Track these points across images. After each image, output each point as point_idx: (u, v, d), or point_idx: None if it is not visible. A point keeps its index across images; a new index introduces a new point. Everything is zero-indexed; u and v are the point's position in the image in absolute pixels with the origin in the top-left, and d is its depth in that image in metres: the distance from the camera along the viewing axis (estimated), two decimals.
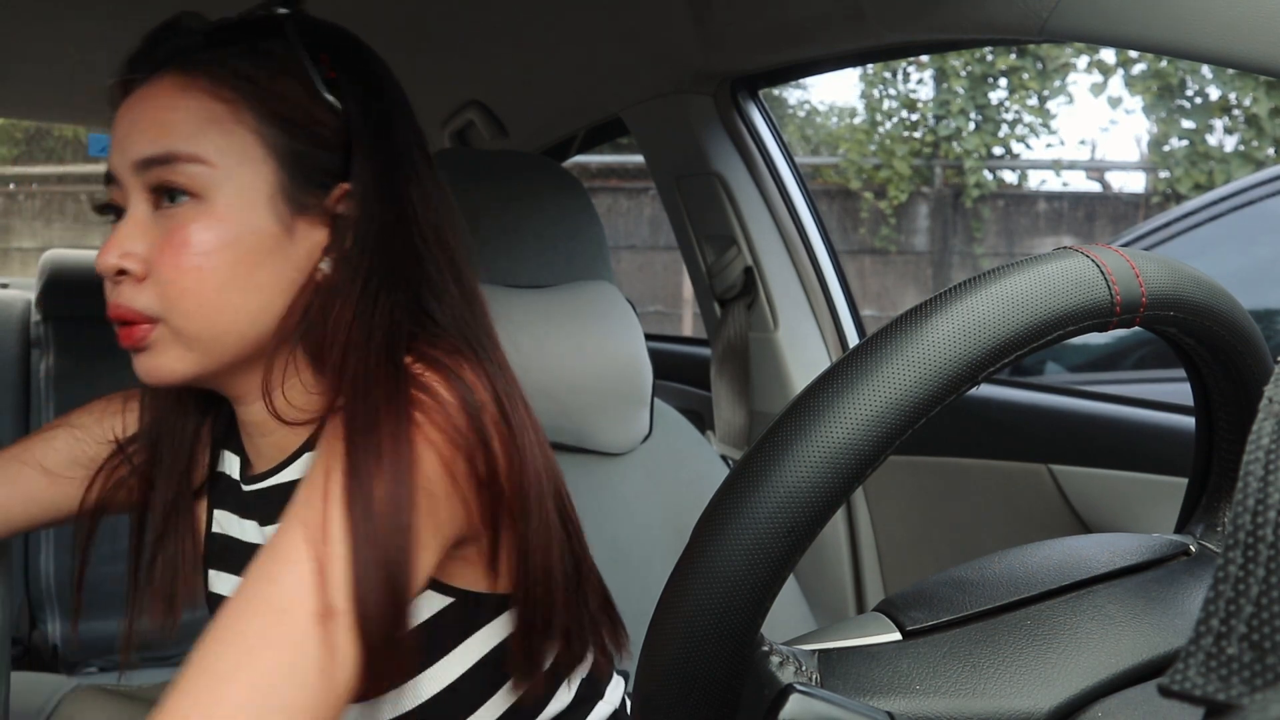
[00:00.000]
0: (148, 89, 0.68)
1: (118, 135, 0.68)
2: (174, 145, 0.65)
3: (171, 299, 0.66)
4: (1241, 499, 0.24)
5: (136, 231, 0.67)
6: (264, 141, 0.67)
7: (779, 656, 0.44)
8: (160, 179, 0.66)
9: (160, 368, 0.67)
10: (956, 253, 6.28)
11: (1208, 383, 0.53)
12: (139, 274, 0.66)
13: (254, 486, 0.75)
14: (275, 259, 0.67)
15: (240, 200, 0.66)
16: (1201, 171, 5.58)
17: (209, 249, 0.65)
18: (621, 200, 6.59)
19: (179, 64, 0.68)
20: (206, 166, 0.65)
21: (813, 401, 0.41)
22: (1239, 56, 0.67)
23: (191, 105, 0.67)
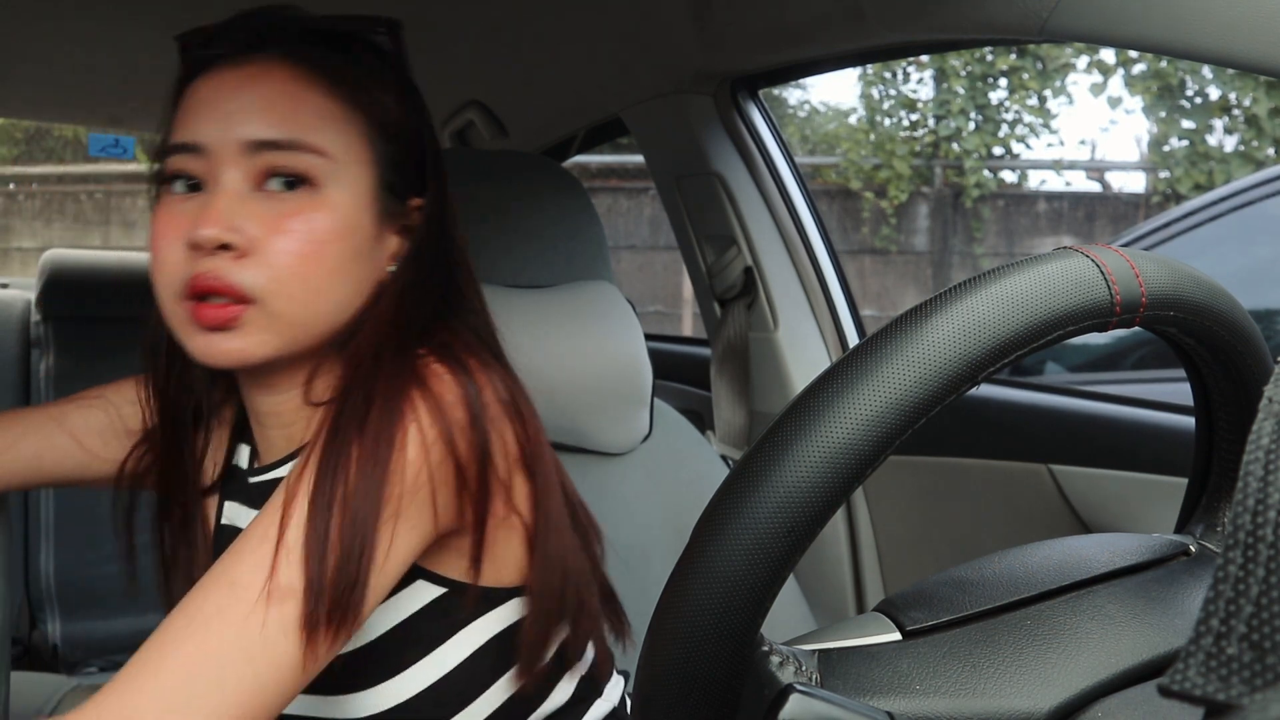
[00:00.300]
0: (256, 69, 0.68)
1: (223, 110, 0.67)
2: (299, 134, 0.67)
3: (281, 280, 0.65)
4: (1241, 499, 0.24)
5: (238, 207, 0.66)
6: (370, 147, 0.70)
7: (779, 656, 0.44)
8: (277, 163, 0.66)
9: (242, 350, 0.66)
10: (956, 253, 6.28)
11: (1208, 383, 0.53)
12: (243, 249, 0.65)
13: (261, 477, 0.76)
14: (367, 258, 0.70)
15: (350, 197, 0.69)
16: (1201, 171, 5.58)
17: (326, 238, 0.67)
18: (621, 200, 6.59)
19: (288, 54, 0.69)
20: (327, 160, 0.67)
21: (813, 401, 0.41)
22: (1239, 56, 0.67)
23: (314, 100, 0.68)
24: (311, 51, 0.70)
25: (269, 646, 0.58)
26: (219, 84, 0.69)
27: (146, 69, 1.51)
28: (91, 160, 7.25)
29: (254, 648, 0.57)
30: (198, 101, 0.69)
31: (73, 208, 7.46)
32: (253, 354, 0.67)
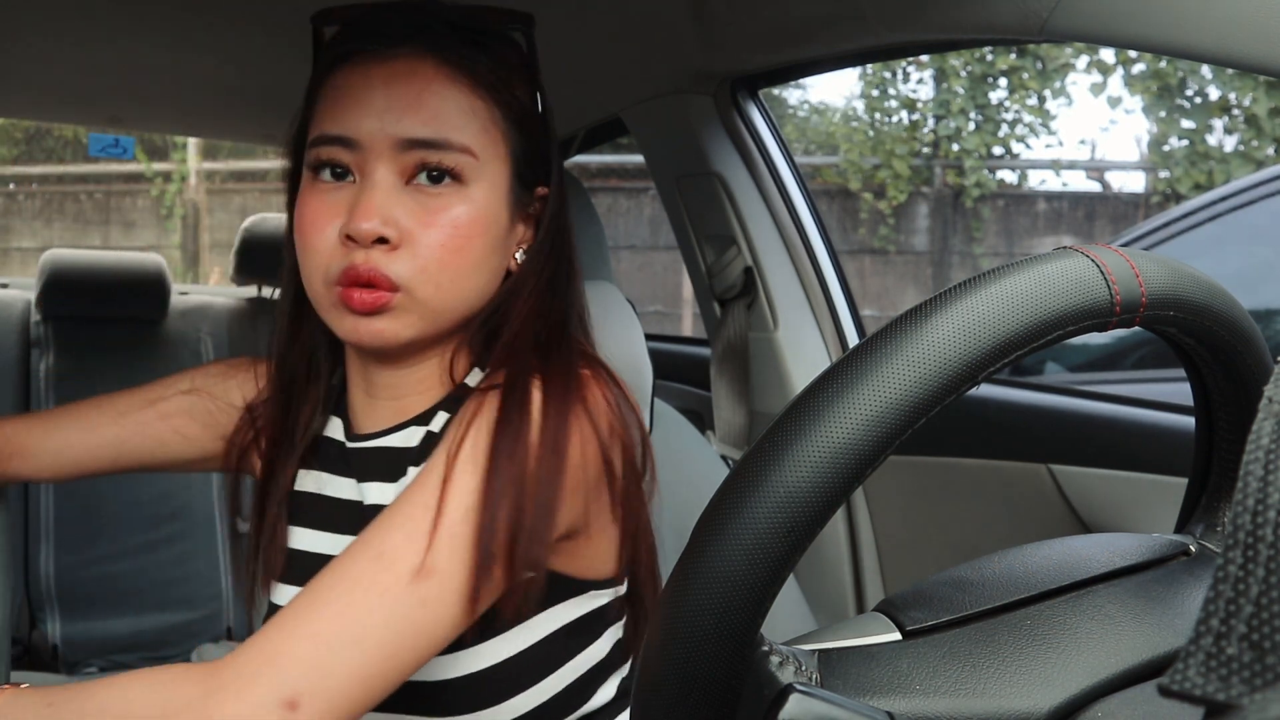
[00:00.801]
0: (404, 65, 0.71)
1: (374, 105, 0.70)
2: (448, 133, 0.70)
3: (430, 271, 0.70)
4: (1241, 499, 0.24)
5: (392, 201, 0.70)
6: (507, 141, 0.74)
7: (779, 656, 0.44)
8: (428, 160, 0.70)
9: (388, 330, 0.71)
10: (956, 253, 6.28)
11: (1208, 383, 0.53)
12: (396, 242, 0.69)
13: (363, 444, 0.79)
14: (501, 248, 0.75)
15: (490, 190, 0.73)
16: (1201, 171, 5.58)
17: (470, 231, 0.71)
18: (621, 200, 6.59)
19: (433, 49, 0.72)
20: (472, 157, 0.71)
21: (813, 401, 0.41)
22: (1239, 56, 0.67)
23: (460, 98, 0.72)
24: (455, 46, 0.72)
25: (413, 617, 0.62)
26: (367, 77, 0.71)
27: (146, 69, 1.51)
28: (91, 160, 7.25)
29: (397, 617, 0.62)
30: (346, 93, 0.71)
31: (73, 208, 7.45)
32: (399, 335, 0.72)
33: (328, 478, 0.81)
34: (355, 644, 0.61)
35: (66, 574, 1.92)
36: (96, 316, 2.04)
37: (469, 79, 0.72)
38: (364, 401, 0.80)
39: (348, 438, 0.80)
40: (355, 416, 0.80)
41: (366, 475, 0.78)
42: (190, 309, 2.17)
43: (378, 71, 0.71)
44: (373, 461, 0.78)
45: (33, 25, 1.30)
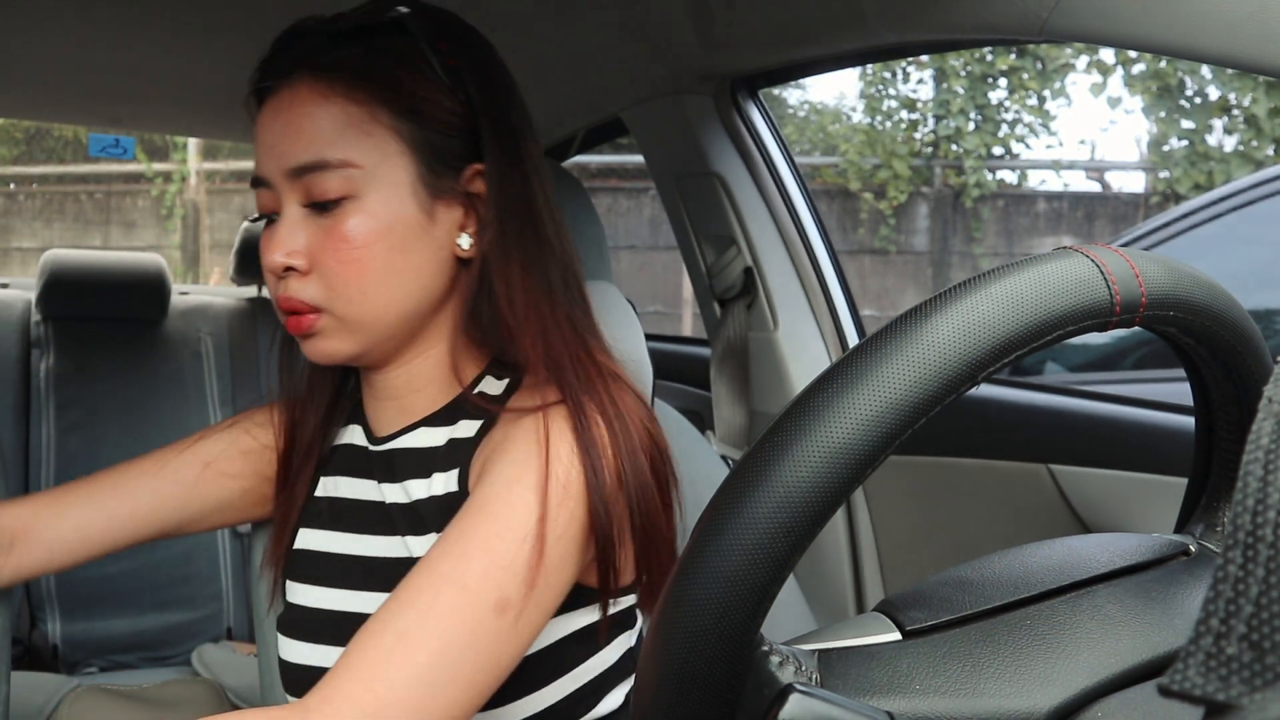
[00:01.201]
0: (286, 95, 0.73)
1: (265, 142, 0.73)
2: (323, 152, 0.71)
3: (337, 289, 0.72)
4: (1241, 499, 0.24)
5: (296, 230, 0.72)
6: (400, 136, 0.73)
7: (779, 656, 0.44)
8: (313, 185, 0.71)
9: (326, 350, 0.74)
10: (956, 253, 6.28)
11: (1208, 383, 0.53)
12: (304, 269, 0.72)
13: (382, 447, 0.80)
14: (421, 242, 0.74)
15: (387, 194, 0.72)
16: (1201, 171, 5.58)
17: (366, 242, 0.71)
18: (621, 200, 6.59)
19: (311, 68, 0.72)
20: (355, 169, 0.71)
21: (813, 401, 0.41)
22: (1239, 57, 0.67)
23: (332, 111, 0.72)
24: (334, 57, 0.72)
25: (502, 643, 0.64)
26: (263, 117, 0.74)
27: (146, 69, 1.51)
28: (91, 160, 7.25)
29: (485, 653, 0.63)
30: (257, 136, 0.75)
31: (73, 208, 7.46)
32: (338, 352, 0.74)
33: (346, 481, 0.82)
34: (452, 680, 0.62)
35: (66, 574, 1.92)
36: (97, 316, 2.04)
37: (342, 87, 0.72)
38: (373, 405, 0.82)
39: (370, 442, 0.81)
40: (374, 419, 0.82)
41: (386, 476, 0.79)
42: (190, 309, 2.17)
43: (269, 107, 0.74)
44: (391, 463, 0.79)
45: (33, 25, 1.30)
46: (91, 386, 1.99)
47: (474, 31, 0.79)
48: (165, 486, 0.84)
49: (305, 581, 0.81)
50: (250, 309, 2.22)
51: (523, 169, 0.76)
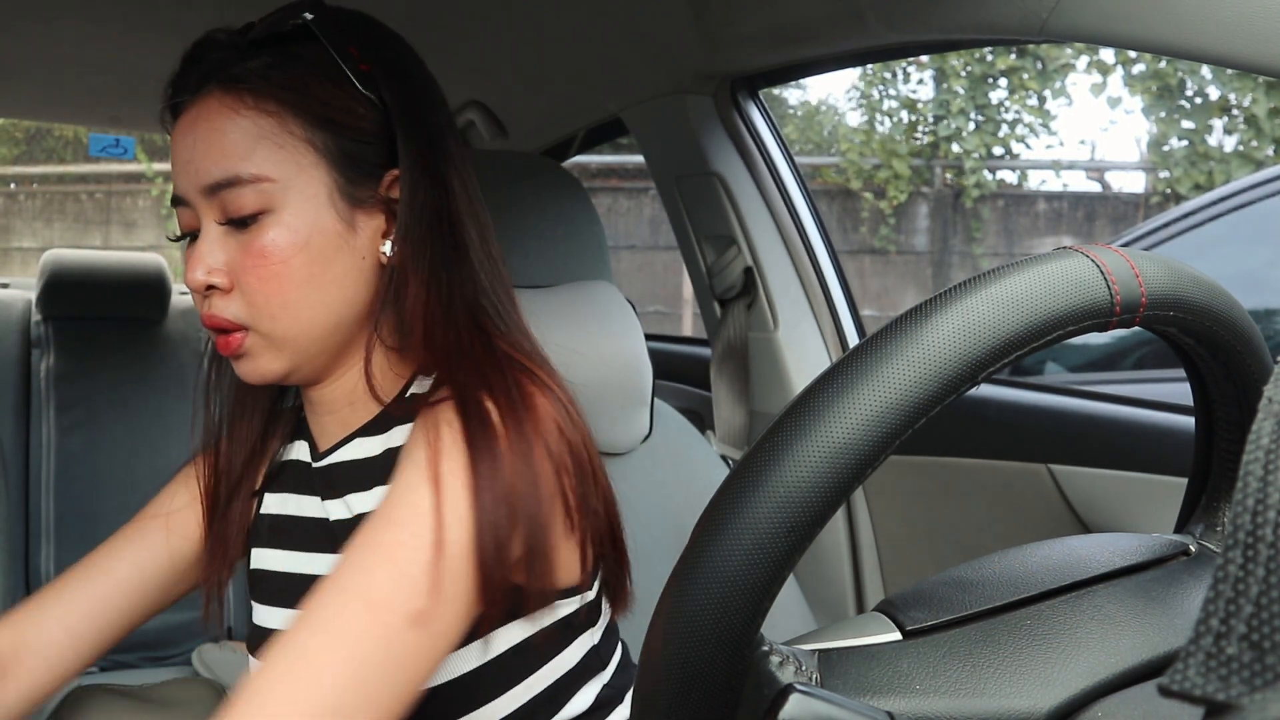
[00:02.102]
0: (197, 111, 0.71)
1: (180, 160, 0.71)
2: (235, 167, 0.69)
3: (258, 306, 0.70)
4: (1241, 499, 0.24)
5: (215, 247, 0.71)
6: (314, 147, 0.71)
7: (779, 656, 0.44)
8: (227, 203, 0.70)
9: (257, 369, 0.73)
10: (956, 253, 6.28)
11: (1208, 383, 0.53)
12: (225, 286, 0.71)
13: (323, 462, 0.78)
14: (342, 253, 0.72)
15: (303, 206, 0.70)
16: (1201, 171, 5.58)
17: (284, 257, 0.69)
18: (621, 200, 6.59)
19: (220, 81, 0.71)
20: (268, 183, 0.69)
21: (813, 401, 0.41)
22: (1239, 57, 0.67)
23: (243, 124, 0.70)
24: (243, 68, 0.71)
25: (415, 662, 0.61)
26: (178, 133, 0.72)
27: (146, 69, 1.51)
28: (91, 160, 7.25)
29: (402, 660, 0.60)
30: (172, 154, 0.73)
31: (73, 208, 7.46)
32: (268, 371, 0.73)
33: (294, 498, 0.81)
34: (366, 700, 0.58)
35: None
36: (97, 316, 2.04)
37: (252, 101, 0.70)
38: (315, 420, 0.80)
39: (313, 457, 0.80)
40: (316, 436, 0.80)
41: (328, 492, 0.78)
42: (191, 309, 2.16)
43: (182, 123, 0.72)
44: (331, 478, 0.77)
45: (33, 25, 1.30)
46: (92, 386, 1.99)
47: (387, 31, 0.77)
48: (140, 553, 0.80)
49: (264, 602, 0.80)
50: None
51: (438, 171, 0.74)
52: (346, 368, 0.76)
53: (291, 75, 0.71)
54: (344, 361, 0.76)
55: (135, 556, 0.80)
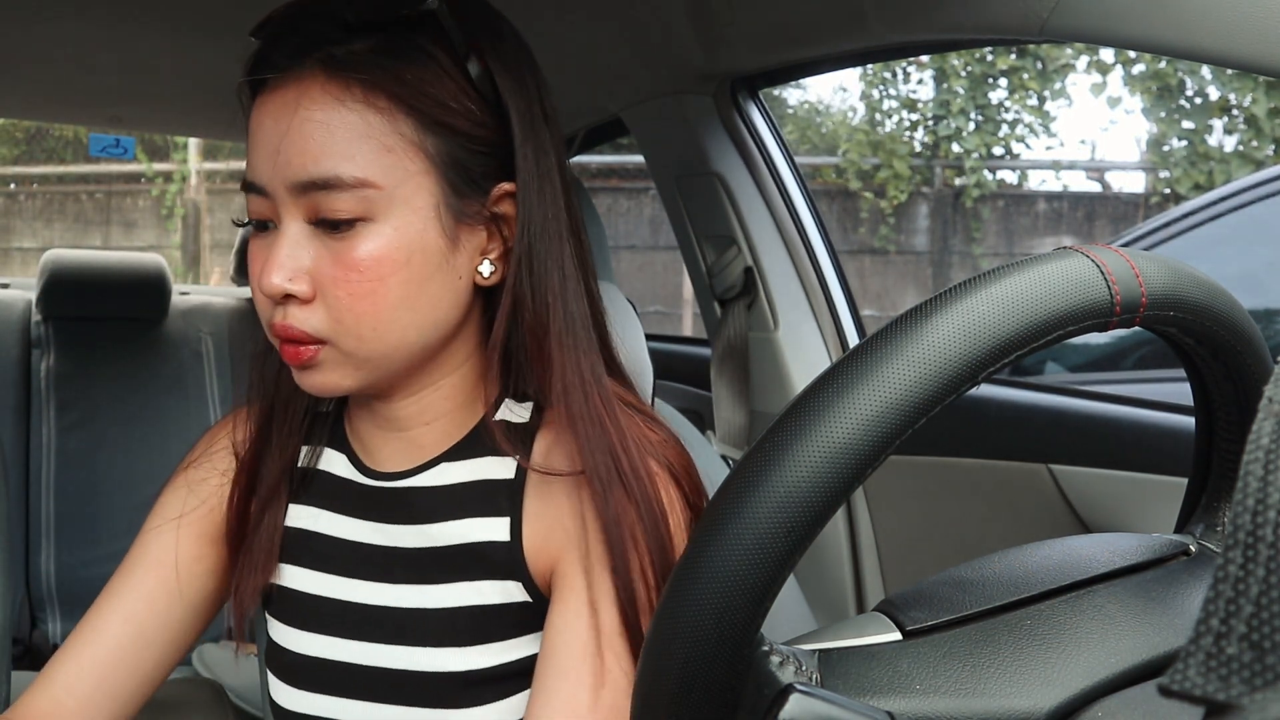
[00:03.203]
0: (294, 91, 0.62)
1: (266, 146, 0.63)
2: (336, 168, 0.61)
3: (346, 324, 0.63)
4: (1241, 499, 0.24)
5: (300, 251, 0.63)
6: (424, 153, 0.63)
7: (779, 656, 0.44)
8: (320, 205, 0.62)
9: (326, 383, 0.66)
10: (956, 253, 6.28)
11: (1208, 383, 0.53)
12: (307, 296, 0.63)
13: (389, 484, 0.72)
14: (442, 272, 0.65)
15: (407, 219, 0.63)
16: (1201, 171, 5.59)
17: (383, 273, 0.62)
18: (621, 200, 6.59)
19: (323, 62, 0.62)
20: (371, 188, 0.62)
21: (813, 401, 0.41)
22: (1239, 57, 0.67)
23: (349, 119, 0.62)
24: (349, 54, 0.62)
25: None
26: (265, 113, 0.64)
27: (146, 69, 1.51)
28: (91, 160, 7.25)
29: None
30: (253, 133, 0.65)
31: (73, 208, 7.46)
32: (339, 386, 0.66)
33: (333, 517, 0.74)
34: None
35: (67, 574, 1.92)
36: (97, 316, 2.04)
37: (362, 92, 0.62)
38: (373, 435, 0.73)
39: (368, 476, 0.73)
40: (369, 452, 0.74)
41: (396, 517, 0.72)
42: (191, 309, 2.17)
43: (270, 103, 0.63)
44: (405, 502, 0.71)
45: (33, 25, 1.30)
46: (92, 386, 1.99)
47: (511, 29, 0.69)
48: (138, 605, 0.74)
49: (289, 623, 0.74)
50: (250, 309, 2.22)
51: (555, 187, 0.68)
52: (424, 385, 0.70)
53: (407, 67, 0.63)
54: (423, 380, 0.70)
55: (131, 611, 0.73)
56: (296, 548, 0.75)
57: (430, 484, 0.71)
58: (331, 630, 0.73)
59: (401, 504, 0.72)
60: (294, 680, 0.74)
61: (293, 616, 0.74)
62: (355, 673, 0.72)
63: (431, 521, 0.70)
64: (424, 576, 0.70)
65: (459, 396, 0.71)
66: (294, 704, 0.73)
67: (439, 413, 0.71)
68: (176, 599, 0.75)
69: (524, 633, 0.69)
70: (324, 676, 0.72)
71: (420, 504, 0.71)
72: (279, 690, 0.75)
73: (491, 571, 0.69)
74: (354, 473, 0.74)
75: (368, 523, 0.73)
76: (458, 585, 0.69)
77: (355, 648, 0.72)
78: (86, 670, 0.72)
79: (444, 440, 0.72)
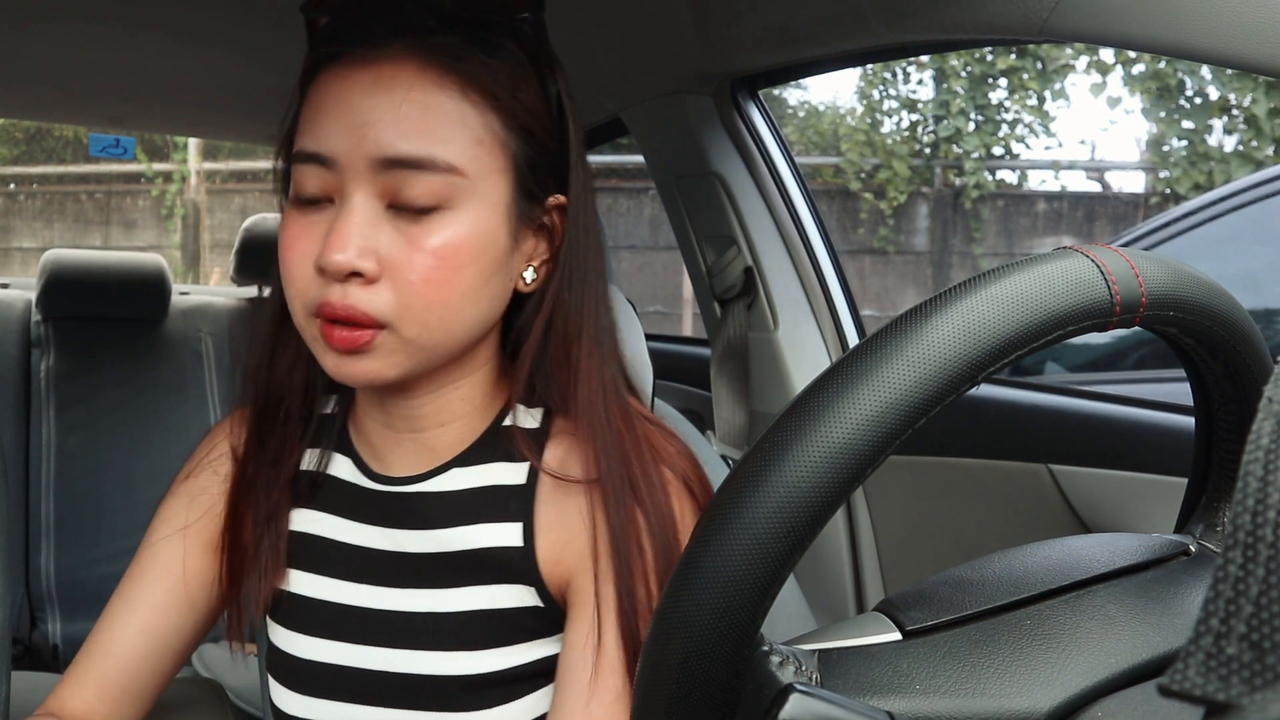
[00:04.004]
0: (390, 69, 0.62)
1: (349, 118, 0.62)
2: (431, 149, 0.61)
3: (415, 309, 0.62)
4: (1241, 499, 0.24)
5: (373, 230, 0.61)
6: (507, 151, 0.65)
7: (779, 656, 0.44)
8: (408, 183, 0.61)
9: (373, 370, 0.64)
10: (956, 253, 6.28)
11: (1207, 383, 0.53)
12: (374, 275, 0.61)
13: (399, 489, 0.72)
14: (503, 270, 0.66)
15: (485, 212, 0.64)
16: (1201, 171, 5.59)
17: (460, 262, 0.63)
18: (621, 200, 6.59)
19: (419, 47, 0.62)
20: (459, 176, 0.62)
21: (813, 401, 0.41)
22: (1239, 56, 0.67)
23: (447, 105, 0.62)
24: (445, 44, 0.63)
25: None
26: (348, 84, 0.62)
27: (146, 69, 1.51)
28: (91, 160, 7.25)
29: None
30: (324, 103, 0.63)
31: (73, 208, 7.46)
32: (385, 375, 0.64)
33: (337, 521, 0.74)
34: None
35: (67, 574, 1.92)
36: (97, 316, 2.04)
37: (459, 82, 0.63)
38: (385, 435, 0.72)
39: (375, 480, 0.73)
40: (377, 456, 0.73)
41: (405, 522, 0.71)
42: (191, 309, 2.17)
43: (358, 77, 0.62)
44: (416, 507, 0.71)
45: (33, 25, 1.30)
46: (92, 386, 1.99)
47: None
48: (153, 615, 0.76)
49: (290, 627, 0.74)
50: (251, 309, 2.22)
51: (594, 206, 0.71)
52: (446, 384, 0.70)
53: (502, 69, 0.64)
54: (447, 378, 0.69)
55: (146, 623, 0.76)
56: (303, 553, 0.74)
57: (442, 489, 0.71)
58: (338, 635, 0.72)
59: (411, 509, 0.71)
60: (297, 685, 0.74)
61: (298, 622, 0.74)
62: (362, 677, 0.71)
63: (443, 527, 0.70)
64: (434, 581, 0.70)
65: (476, 398, 0.71)
66: (297, 709, 0.73)
67: (455, 414, 0.71)
68: (188, 608, 0.77)
69: (534, 637, 0.70)
70: (329, 681, 0.72)
71: (431, 509, 0.71)
72: (281, 695, 0.75)
73: (504, 576, 0.69)
74: (360, 477, 0.73)
75: (375, 528, 0.72)
76: (470, 590, 0.69)
77: (362, 652, 0.72)
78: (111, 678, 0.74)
79: (457, 444, 0.71)
